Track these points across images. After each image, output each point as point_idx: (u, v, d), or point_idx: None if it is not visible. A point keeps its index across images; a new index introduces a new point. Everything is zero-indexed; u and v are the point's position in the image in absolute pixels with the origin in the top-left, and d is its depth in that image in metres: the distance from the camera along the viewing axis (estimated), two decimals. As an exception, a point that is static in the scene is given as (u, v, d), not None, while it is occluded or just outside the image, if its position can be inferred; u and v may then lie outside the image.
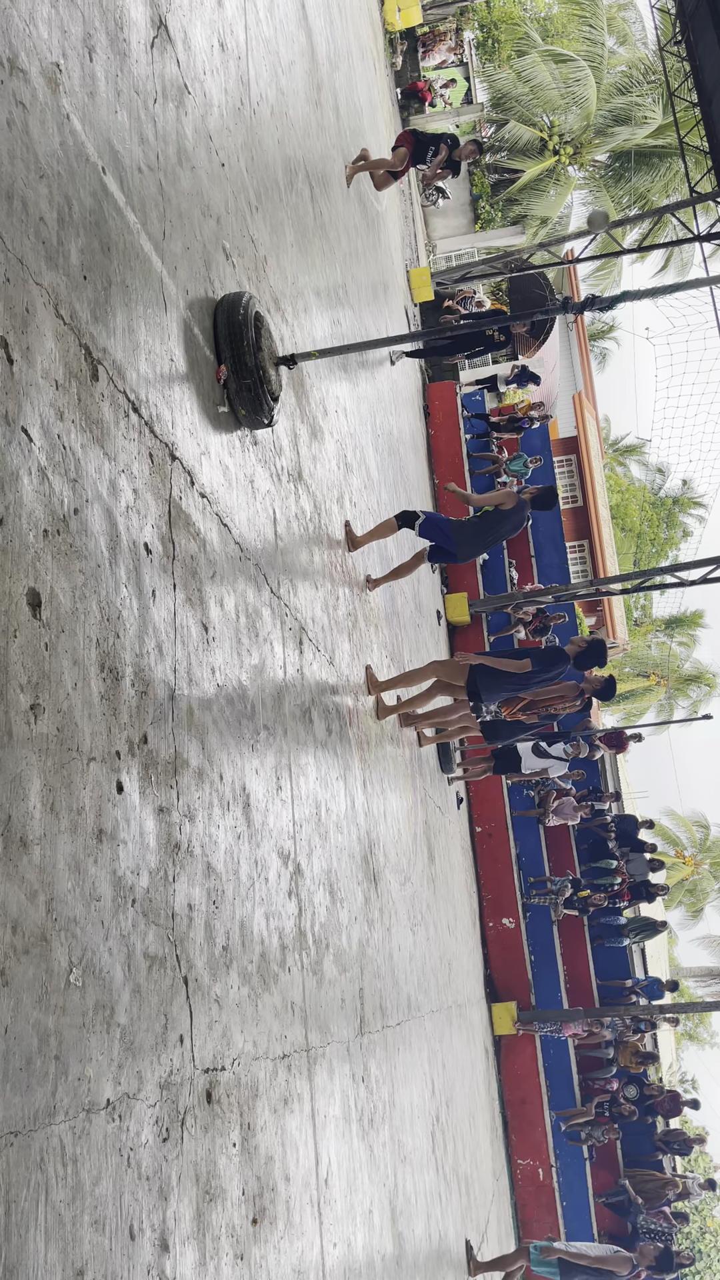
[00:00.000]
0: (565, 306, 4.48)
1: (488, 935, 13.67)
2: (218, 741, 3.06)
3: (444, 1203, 6.68)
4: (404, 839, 7.12)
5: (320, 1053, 3.89)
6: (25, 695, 1.89)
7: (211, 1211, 2.53)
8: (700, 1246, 27.94)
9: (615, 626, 26.88)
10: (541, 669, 6.91)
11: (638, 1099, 14.43)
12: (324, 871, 4.36)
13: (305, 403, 5.41)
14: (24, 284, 2.10)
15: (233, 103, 4.31)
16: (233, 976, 2.91)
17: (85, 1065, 1.95)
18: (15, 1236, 1.65)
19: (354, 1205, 4.15)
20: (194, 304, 3.36)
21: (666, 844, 35.78)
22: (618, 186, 23.90)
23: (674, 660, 37.17)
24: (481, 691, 7.00)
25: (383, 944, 5.63)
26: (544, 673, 6.93)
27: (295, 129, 5.97)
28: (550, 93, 23.34)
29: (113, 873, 2.18)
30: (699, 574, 11.22)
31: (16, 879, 1.78)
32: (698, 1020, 40.15)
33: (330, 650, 5.18)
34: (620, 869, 15.45)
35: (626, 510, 35.85)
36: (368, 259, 9.16)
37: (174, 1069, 2.39)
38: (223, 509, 3.42)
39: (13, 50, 2.17)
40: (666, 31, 15.71)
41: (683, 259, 26.10)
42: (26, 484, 2.00)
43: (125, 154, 2.83)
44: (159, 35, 3.29)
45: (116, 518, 2.44)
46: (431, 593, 12.41)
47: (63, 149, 2.38)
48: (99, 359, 2.46)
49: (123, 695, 2.35)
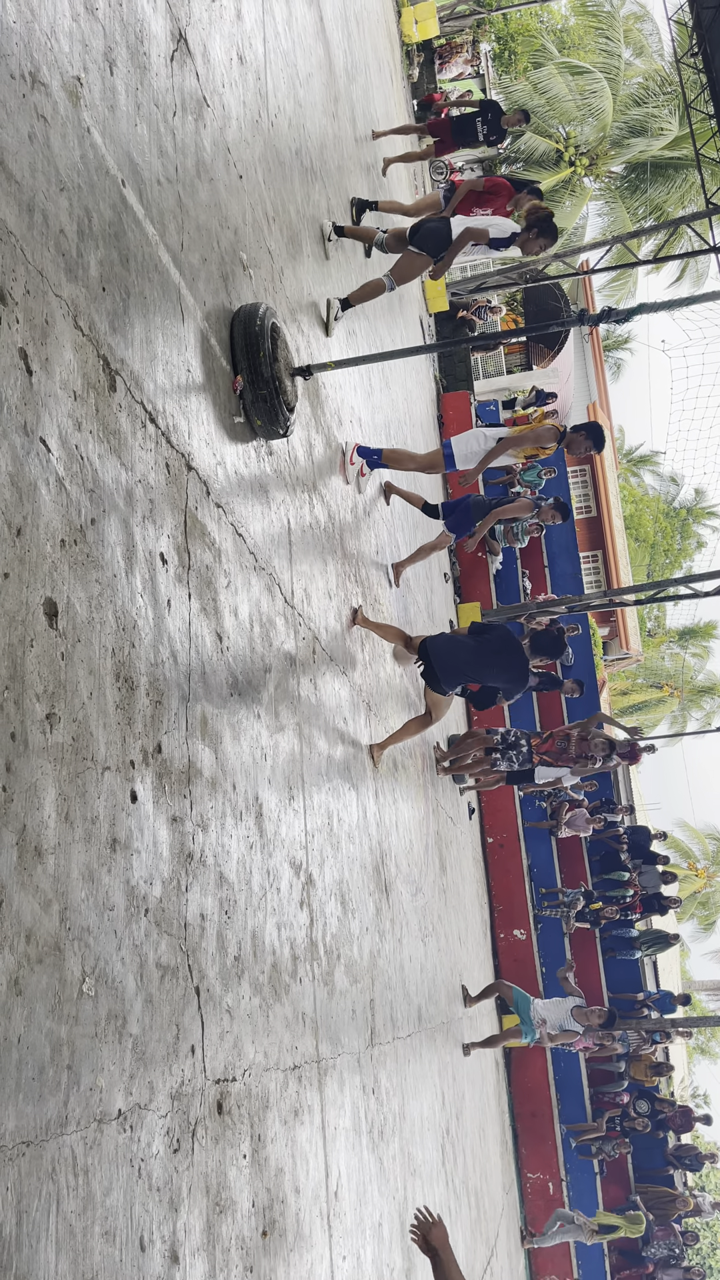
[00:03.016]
0: (581, 319, 4.48)
1: (499, 947, 13.62)
2: (231, 750, 3.06)
3: (453, 1216, 6.64)
4: (416, 849, 7.11)
5: (331, 1064, 3.88)
6: (41, 704, 1.90)
7: (222, 1223, 2.52)
8: (710, 1263, 27.70)
9: (628, 637, 26.79)
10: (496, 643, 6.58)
11: (649, 1113, 14.32)
12: (336, 882, 4.36)
13: (320, 413, 5.43)
14: (44, 296, 2.11)
15: (251, 115, 4.34)
16: (244, 987, 2.91)
17: (97, 1075, 1.95)
18: (27, 1247, 1.65)
19: (364, 1218, 4.13)
20: (211, 315, 3.38)
21: (679, 856, 35.60)
22: (633, 198, 23.91)
23: (687, 672, 37.03)
24: (440, 672, 6.41)
25: (394, 955, 5.61)
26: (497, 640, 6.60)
27: (312, 141, 6.00)
28: (566, 104, 23.40)
29: (126, 882, 2.18)
30: (713, 585, 11.18)
31: (31, 888, 1.79)
32: (710, 1034, 39.84)
33: (344, 660, 5.18)
34: (632, 881, 15.35)
35: (640, 521, 35.78)
36: (383, 269, 9.18)
37: (185, 1080, 2.38)
38: (238, 519, 3.43)
39: (35, 64, 2.19)
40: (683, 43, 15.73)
41: (698, 270, 26.08)
42: (44, 494, 2.01)
43: (145, 166, 2.85)
44: (179, 49, 3.31)
45: (133, 528, 2.45)
46: (445, 602, 12.40)
47: (83, 162, 2.40)
48: (117, 370, 2.47)
49: (137, 705, 2.36)
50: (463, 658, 6.44)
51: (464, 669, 6.46)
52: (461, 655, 6.45)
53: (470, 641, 6.66)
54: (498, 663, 6.56)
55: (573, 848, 15.41)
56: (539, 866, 14.45)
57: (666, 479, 37.90)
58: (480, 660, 6.52)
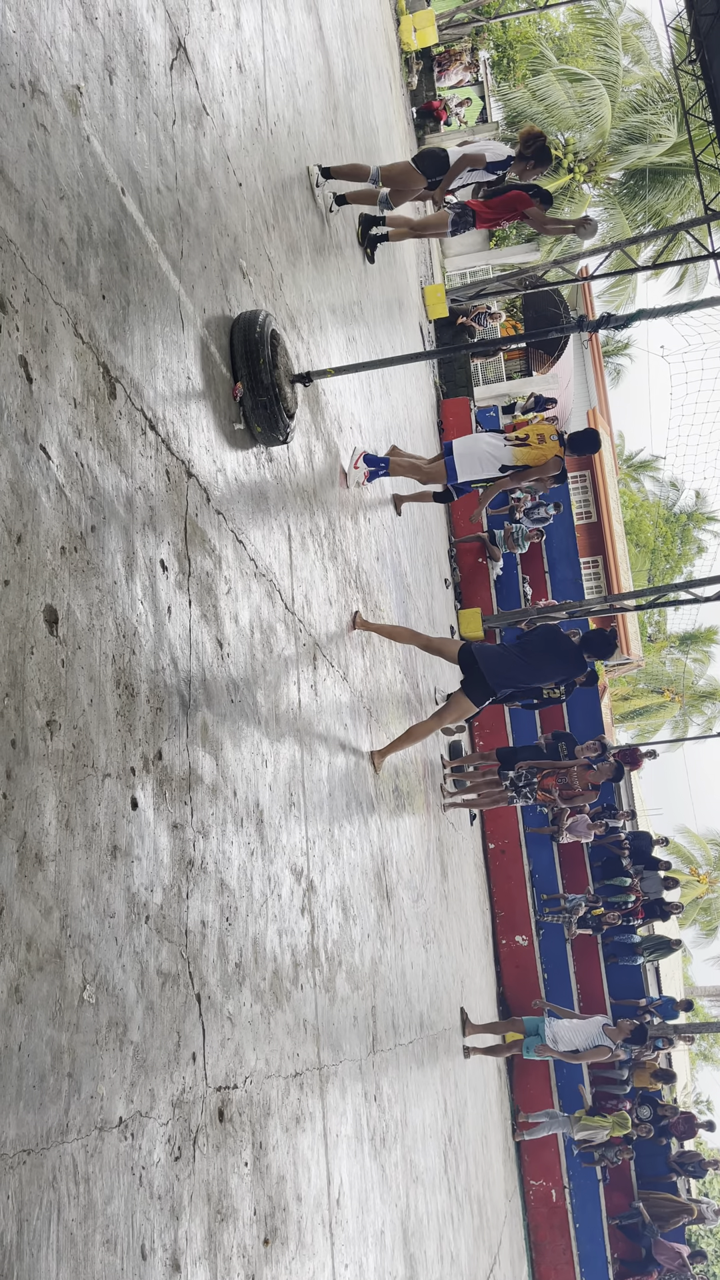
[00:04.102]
0: (580, 325, 4.49)
1: (501, 953, 13.59)
2: (232, 757, 3.06)
3: (456, 1224, 6.62)
4: (417, 855, 7.10)
5: (333, 1071, 3.87)
6: (42, 712, 1.90)
7: (223, 1231, 2.51)
8: (715, 1269, 27.58)
9: (629, 643, 26.79)
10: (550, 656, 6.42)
11: (651, 1119, 14.28)
12: (337, 888, 4.35)
13: (321, 419, 5.44)
14: (44, 304, 2.12)
15: (250, 123, 4.35)
16: (245, 994, 2.90)
17: (98, 1083, 1.94)
18: (28, 1255, 1.65)
19: (366, 1226, 4.12)
20: (211, 322, 3.39)
21: (681, 862, 35.55)
22: (632, 204, 23.98)
23: (688, 677, 37.02)
24: (490, 679, 6.24)
25: (395, 961, 5.60)
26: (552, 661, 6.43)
27: (312, 148, 6.02)
28: (565, 111, 23.47)
29: (127, 889, 2.18)
30: (714, 590, 11.19)
31: (31, 895, 1.79)
32: (712, 1040, 39.75)
33: (344, 665, 5.18)
34: (634, 887, 15.33)
35: (641, 526, 35.81)
36: (382, 276, 9.21)
37: (186, 1087, 2.38)
38: (238, 525, 3.43)
39: (35, 73, 2.20)
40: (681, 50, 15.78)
41: (697, 276, 26.14)
42: (45, 502, 2.01)
43: (144, 175, 2.86)
44: (178, 57, 3.33)
45: (133, 535, 2.45)
46: (445, 608, 12.41)
47: (83, 170, 2.40)
48: (117, 377, 2.48)
49: (138, 711, 2.36)
50: (512, 662, 6.31)
51: (515, 673, 6.31)
52: (510, 660, 6.32)
53: (513, 648, 6.54)
54: (550, 657, 6.45)
55: (574, 853, 15.40)
56: (540, 872, 14.43)
57: (666, 484, 37.94)
58: (531, 661, 6.39)
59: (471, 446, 7.37)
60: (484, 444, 7.34)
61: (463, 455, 7.32)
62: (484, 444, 7.34)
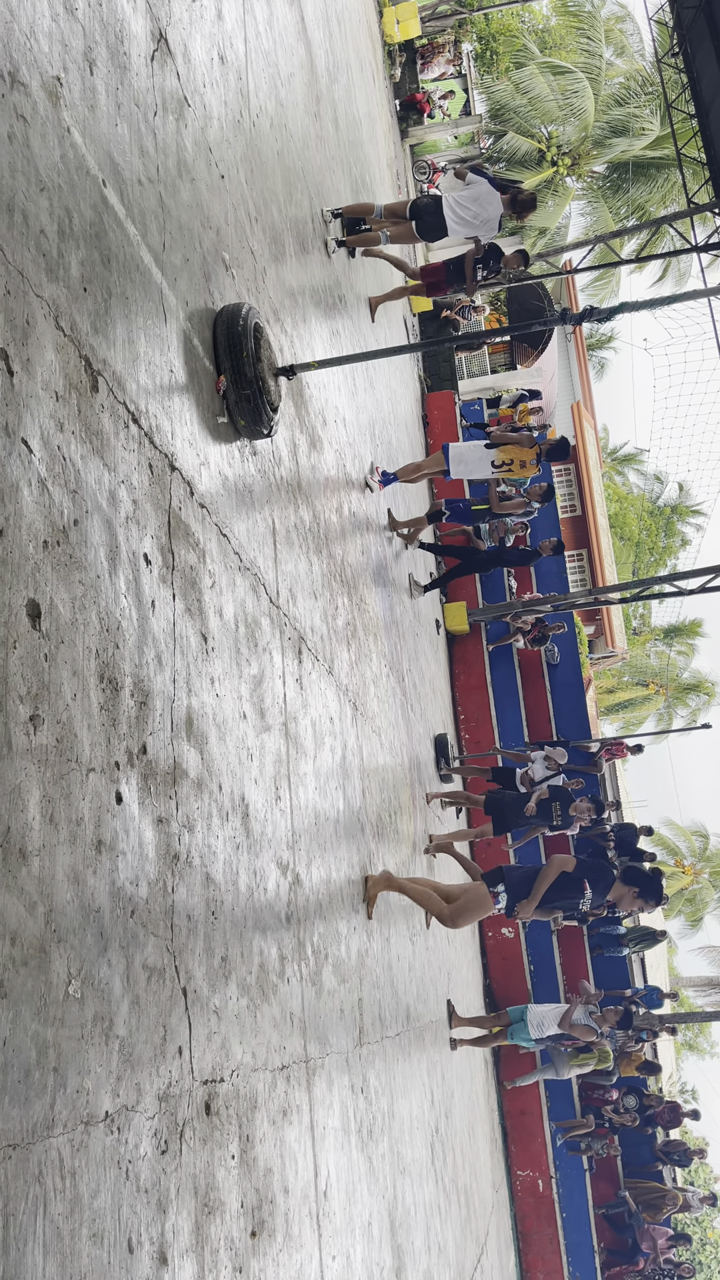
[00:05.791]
0: (564, 318, 4.50)
1: (487, 945, 13.64)
2: (217, 751, 3.06)
3: (443, 1214, 6.66)
4: (403, 849, 7.11)
5: (319, 1064, 3.88)
6: (25, 706, 1.89)
7: (210, 1224, 2.52)
8: (701, 1258, 27.81)
9: (614, 635, 26.89)
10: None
11: (637, 1108, 14.37)
12: (323, 881, 4.36)
13: (305, 413, 5.43)
14: (24, 296, 2.11)
15: (232, 115, 4.33)
16: (231, 988, 2.91)
17: (84, 1077, 1.94)
18: (14, 1250, 1.65)
19: (353, 1217, 4.14)
20: (194, 315, 3.37)
21: (666, 853, 35.74)
22: (616, 197, 24.01)
23: (673, 669, 37.19)
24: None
25: (381, 954, 5.62)
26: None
27: (294, 141, 6.00)
28: (548, 104, 23.47)
29: (112, 884, 2.18)
30: (698, 583, 11.24)
31: (15, 890, 1.78)
32: (697, 1030, 40.03)
33: (329, 659, 5.18)
34: (619, 878, 15.38)
35: (625, 519, 35.91)
36: (366, 269, 9.19)
37: (173, 1081, 2.38)
38: (222, 519, 3.43)
39: (14, 64, 2.18)
40: (664, 44, 15.80)
41: (680, 269, 26.20)
42: (26, 495, 2.01)
43: (125, 166, 2.84)
44: (159, 48, 3.31)
45: (116, 529, 2.44)
46: (430, 602, 12.41)
47: (63, 162, 2.39)
48: (99, 370, 2.47)
49: (122, 706, 2.35)
50: (553, 890, 6.27)
51: (553, 897, 6.29)
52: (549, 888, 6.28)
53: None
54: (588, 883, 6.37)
55: (559, 846, 15.45)
56: (526, 863, 14.47)
57: (650, 477, 38.07)
58: (569, 888, 6.34)
59: (465, 452, 8.86)
60: (479, 448, 8.84)
61: (457, 457, 8.79)
62: (479, 448, 8.84)
